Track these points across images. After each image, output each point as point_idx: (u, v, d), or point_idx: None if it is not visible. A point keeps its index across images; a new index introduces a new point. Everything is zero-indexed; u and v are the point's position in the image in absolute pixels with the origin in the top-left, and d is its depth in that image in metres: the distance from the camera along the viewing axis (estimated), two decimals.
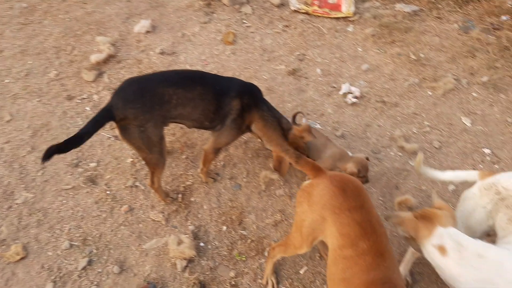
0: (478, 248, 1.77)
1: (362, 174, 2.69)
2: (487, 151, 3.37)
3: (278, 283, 2.53)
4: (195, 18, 4.30)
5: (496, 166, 3.28)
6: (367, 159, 2.78)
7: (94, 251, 2.62)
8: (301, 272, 2.60)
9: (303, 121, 3.06)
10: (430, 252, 1.88)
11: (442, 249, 1.81)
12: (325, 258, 2.63)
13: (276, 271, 2.56)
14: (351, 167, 2.69)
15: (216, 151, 2.70)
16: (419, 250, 1.99)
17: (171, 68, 3.68)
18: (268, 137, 2.71)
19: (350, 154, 2.83)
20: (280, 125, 2.71)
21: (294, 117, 3.06)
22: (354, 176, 2.66)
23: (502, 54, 4.22)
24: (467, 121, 3.59)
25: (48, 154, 2.11)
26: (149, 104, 2.34)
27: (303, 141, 2.77)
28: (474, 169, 3.23)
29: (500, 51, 4.25)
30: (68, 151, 2.24)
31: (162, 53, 3.84)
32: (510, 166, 3.29)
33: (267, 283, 2.52)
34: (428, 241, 1.87)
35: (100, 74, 3.63)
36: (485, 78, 3.98)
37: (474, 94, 3.85)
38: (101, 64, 3.69)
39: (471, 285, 1.74)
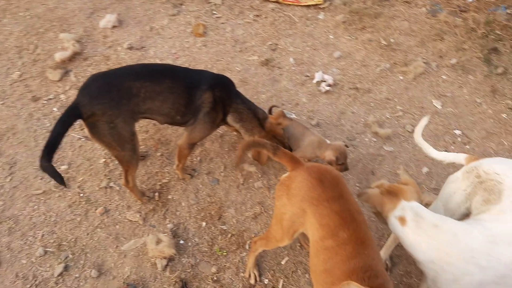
0: (435, 220, 1.87)
1: (341, 161, 2.71)
2: (458, 132, 3.45)
3: (260, 275, 2.54)
4: (163, 10, 4.18)
5: (467, 146, 3.37)
6: (346, 146, 2.79)
7: (70, 256, 2.55)
8: (283, 262, 2.61)
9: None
10: (393, 224, 1.97)
11: (402, 220, 1.91)
12: (305, 248, 2.65)
13: (258, 264, 2.57)
14: (329, 154, 2.70)
15: (191, 146, 2.66)
16: (385, 223, 2.08)
17: (160, 63, 3.58)
18: (245, 129, 2.69)
19: (328, 142, 2.84)
20: (256, 116, 2.70)
21: (270, 110, 3.05)
22: (333, 164, 2.68)
23: (469, 36, 4.31)
24: (438, 104, 3.66)
25: (47, 169, 2.16)
26: (117, 99, 2.27)
27: (280, 127, 2.77)
28: (446, 150, 3.31)
29: (467, 33, 4.34)
30: (51, 157, 2.19)
31: (130, 48, 3.73)
32: (480, 146, 3.39)
33: (249, 276, 2.52)
34: (392, 214, 1.96)
35: (66, 73, 3.50)
36: (453, 60, 4.06)
37: (444, 77, 3.93)
38: (66, 62, 3.55)
39: (426, 253, 1.85)
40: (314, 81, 3.71)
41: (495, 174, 1.98)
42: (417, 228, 1.87)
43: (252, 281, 2.50)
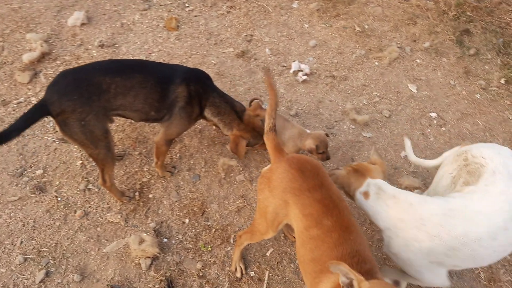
0: (394, 192, 2.03)
1: (322, 150, 2.71)
2: (433, 115, 3.51)
3: (246, 268, 2.54)
4: (133, 5, 4.08)
5: (443, 128, 3.43)
6: (327, 135, 2.80)
7: (51, 262, 2.50)
8: (268, 254, 2.62)
9: (264, 106, 3.02)
10: (358, 199, 2.12)
11: (366, 195, 2.07)
12: (289, 238, 2.66)
13: (243, 257, 2.57)
14: (309, 143, 2.70)
15: (168, 142, 2.61)
16: (352, 199, 2.19)
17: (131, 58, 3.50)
18: (223, 123, 2.67)
19: (308, 131, 2.84)
20: (233, 109, 2.67)
21: (250, 103, 3.02)
22: (314, 153, 2.68)
23: (441, 19, 4.36)
24: (413, 88, 3.71)
25: None
26: (87, 95, 2.22)
27: (259, 119, 2.75)
28: (422, 133, 3.37)
29: (439, 16, 4.39)
30: None
31: (101, 45, 3.63)
32: (455, 127, 3.46)
33: (235, 269, 2.52)
34: (358, 191, 2.11)
35: (35, 75, 3.39)
36: (427, 44, 4.11)
37: (418, 61, 3.98)
38: (35, 64, 3.43)
39: (385, 221, 2.01)
40: (291, 71, 3.70)
41: (481, 158, 2.03)
42: (378, 200, 2.03)
43: (238, 275, 2.51)
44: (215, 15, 4.15)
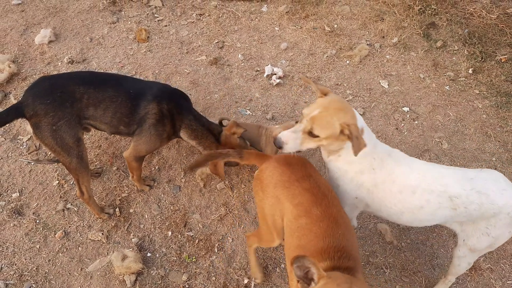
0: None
1: None
2: (406, 109, 3.60)
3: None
4: (101, 19, 4.04)
5: (415, 122, 3.52)
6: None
7: (33, 285, 2.46)
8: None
9: (242, 113, 2.97)
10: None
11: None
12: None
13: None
14: (277, 129, 2.66)
15: (138, 159, 2.59)
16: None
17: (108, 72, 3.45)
18: (203, 147, 2.67)
19: (277, 126, 2.82)
20: (211, 132, 2.66)
21: (220, 122, 2.98)
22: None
23: (407, 14, 4.47)
24: (385, 84, 3.79)
25: None
26: (59, 101, 2.28)
27: (236, 137, 2.73)
28: (396, 128, 3.45)
29: (405, 11, 4.50)
30: None
31: (71, 62, 3.58)
32: (428, 120, 3.55)
33: (255, 277, 2.51)
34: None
35: (5, 96, 3.32)
36: (395, 39, 4.21)
37: (388, 56, 4.07)
38: (4, 85, 3.36)
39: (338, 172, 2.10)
40: (265, 75, 3.73)
41: None
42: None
43: (258, 281, 2.49)
44: (185, 24, 4.15)
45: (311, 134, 1.91)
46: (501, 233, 1.96)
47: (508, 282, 2.70)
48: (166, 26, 4.09)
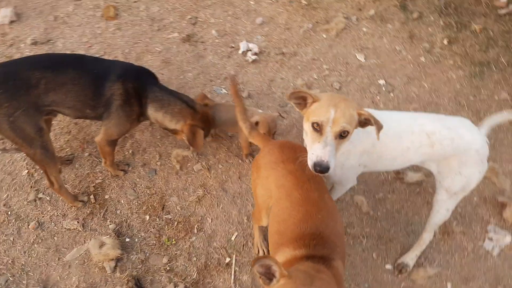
0: None
1: (263, 130, 2.59)
2: (382, 82, 3.59)
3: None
4: None
5: (391, 94, 3.52)
6: (281, 116, 2.73)
7: (10, 278, 2.40)
8: (233, 238, 2.64)
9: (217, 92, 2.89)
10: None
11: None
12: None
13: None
14: (254, 119, 2.61)
15: (110, 143, 2.50)
16: None
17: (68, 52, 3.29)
18: (170, 115, 2.49)
19: (260, 111, 2.79)
20: (181, 99, 2.54)
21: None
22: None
23: None
24: (361, 57, 3.75)
25: None
26: (13, 90, 2.12)
27: (208, 108, 2.66)
28: (372, 101, 3.45)
29: None
30: None
31: (34, 43, 3.39)
32: (403, 92, 3.56)
33: (258, 251, 2.53)
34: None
35: None
36: (372, 12, 4.14)
37: (364, 29, 4.01)
38: None
39: None
40: (240, 51, 3.63)
41: None
42: None
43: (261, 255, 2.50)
44: None
45: (341, 136, 1.81)
46: (472, 172, 2.17)
47: (479, 243, 2.82)
48: (135, 2, 3.91)
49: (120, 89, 2.29)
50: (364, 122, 1.84)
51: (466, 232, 2.85)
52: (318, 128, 1.78)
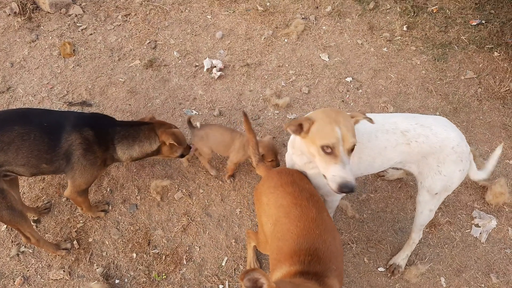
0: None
1: (270, 158, 2.65)
2: (349, 79, 3.62)
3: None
4: (19, 39, 3.73)
5: (360, 91, 3.55)
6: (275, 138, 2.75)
7: None
8: (223, 264, 2.63)
9: (197, 124, 2.87)
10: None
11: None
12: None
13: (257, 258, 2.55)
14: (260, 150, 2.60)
15: (81, 193, 2.46)
16: None
17: (11, 108, 3.21)
18: (146, 141, 2.50)
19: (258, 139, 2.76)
20: (142, 124, 2.52)
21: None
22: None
23: None
24: (325, 57, 3.78)
25: None
26: None
27: (170, 131, 2.59)
28: (342, 101, 3.47)
29: None
30: None
31: None
32: (371, 86, 3.59)
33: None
34: None
35: None
36: (329, 8, 4.17)
37: (324, 27, 4.03)
38: None
39: None
40: (205, 69, 3.62)
41: None
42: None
43: None
44: (112, 28, 3.91)
45: (351, 150, 1.84)
46: (452, 171, 2.13)
47: (466, 231, 2.86)
48: (91, 34, 3.84)
49: (79, 138, 2.25)
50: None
51: (452, 221, 2.88)
52: (329, 150, 1.79)
